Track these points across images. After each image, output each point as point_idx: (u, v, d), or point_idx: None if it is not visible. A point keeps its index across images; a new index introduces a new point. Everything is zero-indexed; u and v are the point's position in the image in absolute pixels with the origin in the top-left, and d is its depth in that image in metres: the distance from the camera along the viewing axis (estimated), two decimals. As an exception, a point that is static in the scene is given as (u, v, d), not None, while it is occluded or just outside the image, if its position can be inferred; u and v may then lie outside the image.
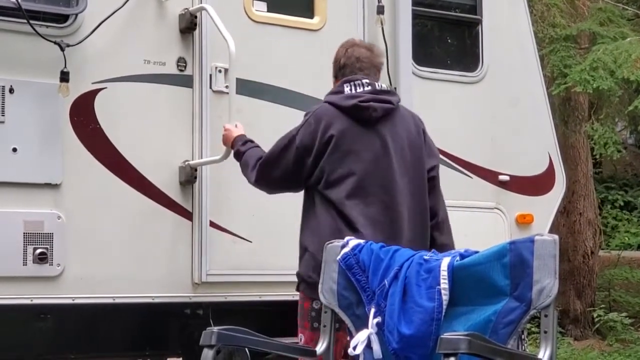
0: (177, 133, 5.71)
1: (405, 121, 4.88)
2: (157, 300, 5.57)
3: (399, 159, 4.78)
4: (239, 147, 5.14)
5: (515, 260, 3.68)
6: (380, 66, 5.02)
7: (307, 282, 4.65)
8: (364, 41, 5.14)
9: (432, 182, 4.92)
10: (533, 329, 10.18)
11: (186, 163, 5.67)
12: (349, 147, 4.71)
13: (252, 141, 5.14)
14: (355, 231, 4.58)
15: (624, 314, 13.93)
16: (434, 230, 4.89)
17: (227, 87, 5.67)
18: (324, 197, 4.73)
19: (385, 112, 4.78)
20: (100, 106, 5.47)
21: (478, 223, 6.71)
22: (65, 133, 5.36)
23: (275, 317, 5.58)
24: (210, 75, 5.78)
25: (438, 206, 4.95)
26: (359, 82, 4.79)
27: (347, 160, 4.71)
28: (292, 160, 4.76)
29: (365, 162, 4.72)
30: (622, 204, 19.49)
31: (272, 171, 4.85)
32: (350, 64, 4.89)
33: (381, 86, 4.84)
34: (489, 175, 6.87)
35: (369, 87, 4.78)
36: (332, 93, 4.88)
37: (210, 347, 3.64)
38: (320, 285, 4.16)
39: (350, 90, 4.78)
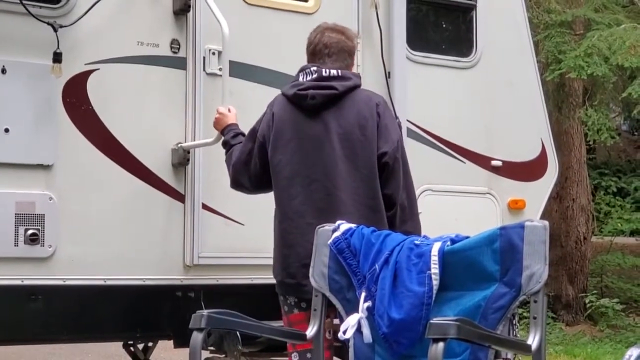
0: (170, 115, 5.70)
1: (357, 105, 4.81)
2: (148, 283, 5.58)
3: (345, 144, 4.76)
4: (228, 139, 5.20)
5: (505, 246, 3.69)
6: (352, 50, 5.00)
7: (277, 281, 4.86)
8: (338, 24, 5.10)
9: (386, 168, 4.77)
10: (525, 314, 10.21)
11: (179, 145, 5.67)
12: (289, 135, 4.79)
13: (243, 134, 5.18)
14: (294, 221, 4.72)
15: (615, 300, 13.98)
16: (393, 220, 4.76)
17: (220, 69, 5.66)
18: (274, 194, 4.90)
19: (326, 98, 4.78)
20: (93, 87, 5.45)
21: (470, 208, 6.72)
22: (58, 114, 5.35)
23: (266, 301, 5.57)
24: (204, 58, 5.76)
25: (396, 195, 4.79)
26: (309, 70, 4.84)
27: (286, 148, 4.79)
28: (257, 152, 4.89)
29: (304, 150, 4.77)
30: (615, 190, 19.51)
31: (242, 170, 4.97)
32: (318, 50, 4.92)
33: (329, 72, 4.80)
34: (481, 161, 6.87)
35: (315, 75, 4.81)
36: (290, 81, 4.95)
37: (200, 330, 3.65)
38: (311, 269, 4.17)
39: (303, 78, 4.85)
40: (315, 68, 4.83)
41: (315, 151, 4.77)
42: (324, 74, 4.81)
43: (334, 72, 4.81)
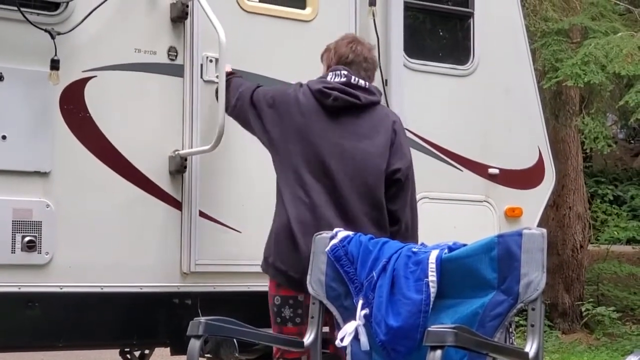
0: (167, 122, 5.69)
1: (374, 120, 4.92)
2: (145, 290, 5.57)
3: (353, 152, 4.83)
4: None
5: (503, 254, 3.69)
6: (374, 73, 5.17)
7: (267, 261, 4.93)
8: (364, 39, 5.22)
9: (396, 185, 4.88)
10: (521, 322, 10.21)
11: (176, 153, 5.66)
12: (304, 128, 4.87)
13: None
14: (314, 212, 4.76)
15: (612, 308, 13.98)
16: (395, 236, 4.79)
17: (217, 76, 5.66)
18: (279, 178, 4.96)
19: (347, 104, 4.87)
20: (90, 94, 5.45)
21: (467, 216, 6.72)
22: (55, 121, 5.35)
23: (263, 308, 5.57)
24: (202, 65, 5.76)
25: (402, 212, 4.88)
26: (339, 72, 4.95)
27: (298, 140, 4.86)
28: (246, 104, 5.13)
29: (315, 148, 4.83)
30: (611, 198, 19.52)
31: (233, 92, 5.24)
32: (358, 61, 5.03)
33: (358, 81, 4.92)
34: (478, 168, 6.87)
35: (344, 79, 4.92)
36: (318, 78, 5.06)
37: (198, 337, 3.65)
38: (308, 277, 4.17)
39: (331, 78, 4.94)
40: (345, 72, 4.94)
41: (326, 153, 4.82)
42: (352, 81, 4.92)
43: (362, 82, 4.94)
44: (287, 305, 4.84)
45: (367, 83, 4.97)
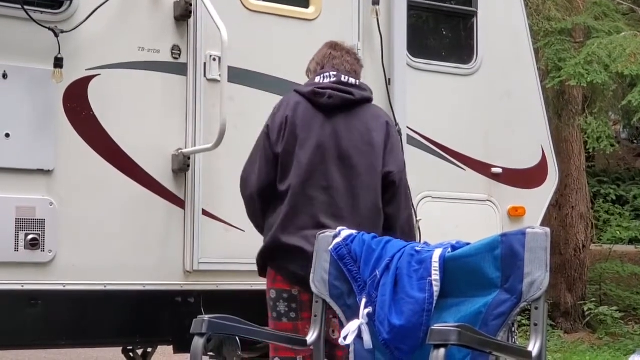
0: (170, 121, 5.70)
1: (367, 117, 4.85)
2: (148, 288, 5.58)
3: (350, 151, 4.76)
4: None
5: (506, 253, 3.68)
6: (360, 71, 5.06)
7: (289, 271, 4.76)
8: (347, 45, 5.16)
9: (391, 188, 4.80)
10: (524, 322, 10.20)
11: (179, 151, 5.67)
12: (300, 132, 4.74)
13: None
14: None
15: (614, 308, 13.97)
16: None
17: (220, 75, 5.67)
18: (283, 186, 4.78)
19: (343, 101, 4.79)
20: (93, 93, 5.46)
21: (470, 215, 6.72)
22: (58, 119, 5.36)
23: (266, 306, 5.58)
24: (205, 64, 5.77)
25: (397, 216, 4.81)
26: (327, 73, 4.86)
27: (296, 145, 4.73)
28: (269, 149, 4.77)
29: (312, 149, 4.72)
30: (614, 198, 19.50)
31: (252, 173, 4.84)
32: (340, 55, 4.96)
33: (348, 79, 4.84)
34: (481, 168, 6.88)
35: (334, 79, 4.83)
36: (306, 83, 4.96)
37: (201, 335, 3.65)
38: (312, 275, 4.16)
39: (320, 81, 4.85)
40: (334, 72, 4.86)
41: (328, 154, 4.75)
42: (343, 79, 4.85)
43: (352, 80, 4.86)
44: (281, 299, 4.83)
45: (357, 81, 4.90)
